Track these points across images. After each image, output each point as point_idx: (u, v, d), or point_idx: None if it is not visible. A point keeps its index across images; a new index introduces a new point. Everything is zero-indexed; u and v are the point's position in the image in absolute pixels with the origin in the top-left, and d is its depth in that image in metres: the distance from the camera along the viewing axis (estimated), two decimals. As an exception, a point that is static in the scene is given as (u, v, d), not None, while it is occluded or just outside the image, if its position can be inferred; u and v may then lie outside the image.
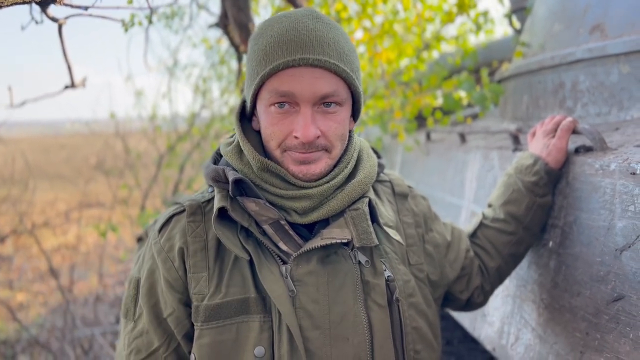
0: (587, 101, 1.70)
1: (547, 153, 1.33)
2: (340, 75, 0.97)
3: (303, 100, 0.95)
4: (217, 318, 0.96)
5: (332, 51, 0.95)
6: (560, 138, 1.32)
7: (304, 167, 0.99)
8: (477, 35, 3.10)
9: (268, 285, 0.95)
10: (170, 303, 1.00)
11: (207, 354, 0.95)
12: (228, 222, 1.00)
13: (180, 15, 3.54)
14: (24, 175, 7.81)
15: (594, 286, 1.16)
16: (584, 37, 1.76)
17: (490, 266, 1.31)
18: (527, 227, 1.32)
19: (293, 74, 0.94)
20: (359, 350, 0.97)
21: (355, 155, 1.08)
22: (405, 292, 1.05)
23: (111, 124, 5.88)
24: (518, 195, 1.31)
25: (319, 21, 0.98)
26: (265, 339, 0.95)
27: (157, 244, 1.03)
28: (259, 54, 0.97)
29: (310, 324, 0.96)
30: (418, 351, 1.04)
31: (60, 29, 1.03)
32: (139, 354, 1.01)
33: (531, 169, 1.32)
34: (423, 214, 1.21)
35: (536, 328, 1.38)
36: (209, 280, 0.98)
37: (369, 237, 1.00)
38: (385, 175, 1.22)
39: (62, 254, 7.35)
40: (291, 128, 0.96)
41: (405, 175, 2.99)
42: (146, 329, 1.02)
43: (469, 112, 2.99)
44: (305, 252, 0.98)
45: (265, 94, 0.97)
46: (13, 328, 5.25)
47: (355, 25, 3.10)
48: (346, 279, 0.99)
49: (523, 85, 2.14)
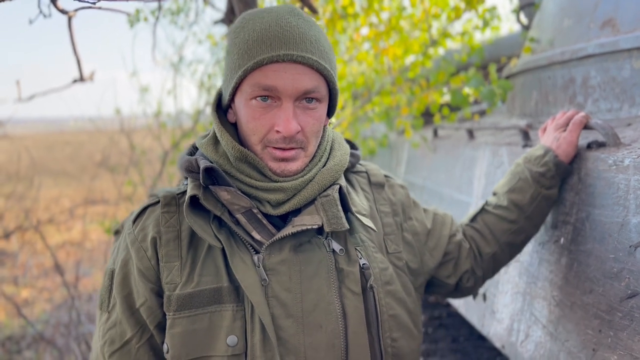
0: (598, 97, 1.68)
1: (557, 146, 1.32)
2: (322, 72, 0.99)
3: (285, 95, 0.96)
4: (189, 307, 0.97)
5: (314, 48, 0.98)
6: (571, 132, 1.32)
7: (283, 164, 1.00)
8: (484, 31, 3.08)
9: (240, 275, 0.96)
10: (143, 293, 1.00)
11: (179, 343, 0.96)
12: (200, 211, 1.01)
13: (185, 11, 3.54)
14: (29, 171, 7.83)
15: (607, 283, 1.14)
16: (595, 32, 1.74)
17: (485, 252, 1.30)
18: (529, 217, 1.30)
19: (276, 69, 0.95)
20: (332, 338, 0.97)
21: (328, 148, 1.10)
22: (381, 280, 1.06)
23: (116, 121, 5.88)
24: (524, 185, 1.30)
25: (300, 18, 1.00)
26: (237, 328, 0.96)
27: (131, 234, 1.04)
28: (242, 48, 0.98)
29: (283, 312, 0.97)
30: (395, 339, 1.05)
31: (70, 22, 1.02)
32: (112, 344, 1.02)
33: (540, 160, 1.31)
34: (401, 202, 1.21)
35: (547, 325, 1.37)
36: (181, 269, 1.00)
37: (339, 221, 1.01)
38: (362, 165, 1.23)
39: (67, 250, 7.36)
40: (272, 122, 0.98)
41: (412, 172, 2.97)
42: (119, 319, 1.02)
43: (476, 109, 2.97)
44: (278, 241, 0.99)
45: (246, 87, 0.98)
46: (18, 324, 5.27)
47: (362, 22, 3.08)
48: (320, 267, 1.00)
49: (532, 81, 2.12)
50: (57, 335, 4.80)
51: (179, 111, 5.36)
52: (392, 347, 1.04)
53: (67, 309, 5.17)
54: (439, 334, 2.88)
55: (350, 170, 1.20)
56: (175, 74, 5.30)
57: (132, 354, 1.01)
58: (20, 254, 7.14)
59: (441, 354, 2.68)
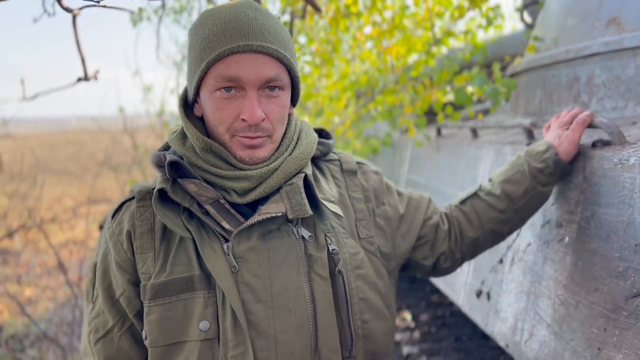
0: (603, 95, 1.68)
1: (559, 143, 1.32)
2: (282, 61, 1.02)
3: (249, 85, 1.00)
4: (162, 295, 1.02)
5: (273, 39, 1.01)
6: (574, 130, 1.31)
7: (251, 151, 1.04)
8: (487, 30, 3.08)
9: (210, 263, 1.01)
10: (121, 283, 1.06)
11: (156, 329, 1.01)
12: (171, 204, 1.05)
13: (188, 10, 3.54)
14: (32, 171, 7.84)
15: (612, 282, 1.14)
16: (600, 31, 1.74)
17: (467, 235, 1.32)
18: (518, 209, 1.32)
19: (238, 59, 0.99)
20: (301, 320, 1.02)
21: (295, 137, 1.13)
22: (351, 264, 1.09)
23: (118, 120, 5.89)
24: (520, 177, 1.31)
25: (258, 11, 1.03)
26: (209, 314, 1.00)
27: (110, 228, 1.09)
28: (203, 42, 1.01)
29: (253, 297, 1.01)
30: (366, 320, 1.08)
31: (75, 20, 1.02)
32: (97, 332, 1.08)
33: (541, 156, 1.31)
34: (373, 188, 1.24)
35: (551, 324, 1.37)
36: (155, 260, 1.04)
37: (302, 208, 1.04)
38: (335, 154, 1.26)
39: (70, 249, 7.37)
40: (238, 111, 1.01)
41: (415, 171, 2.97)
42: (102, 309, 1.08)
43: (479, 108, 2.97)
44: (246, 229, 1.03)
45: (210, 80, 1.01)
46: (22, 323, 5.28)
47: (365, 21, 3.08)
48: (288, 253, 1.04)
49: (536, 79, 2.12)
50: (60, 333, 4.82)
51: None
52: (362, 328, 1.08)
53: (70, 307, 5.18)
54: (442, 333, 2.88)
55: (322, 158, 1.23)
56: (178, 73, 5.31)
57: (114, 341, 1.07)
58: (24, 252, 7.16)
59: (444, 353, 2.67)
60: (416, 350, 2.68)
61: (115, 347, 1.07)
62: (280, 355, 1.01)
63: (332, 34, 3.14)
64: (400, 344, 2.81)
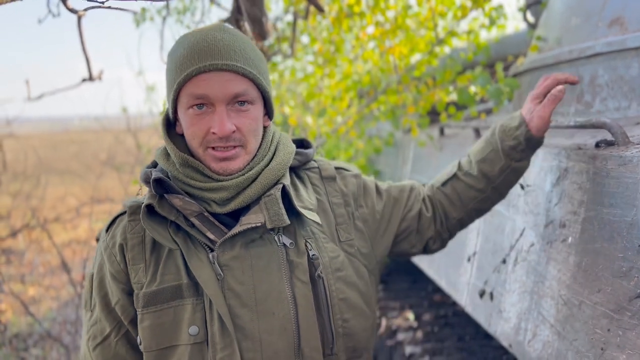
0: (606, 95, 1.68)
1: (529, 119, 1.30)
2: (248, 77, 1.09)
3: (217, 100, 1.07)
4: (154, 303, 1.09)
5: (239, 56, 1.08)
6: (544, 106, 1.28)
7: (224, 163, 1.10)
8: (490, 30, 3.07)
9: (197, 272, 1.08)
10: (116, 293, 1.13)
11: (149, 335, 1.09)
12: (159, 218, 1.12)
13: (192, 11, 3.54)
14: (35, 170, 7.86)
15: (615, 282, 1.14)
16: (603, 31, 1.74)
17: (452, 216, 1.39)
18: (496, 187, 1.36)
19: (205, 78, 1.06)
20: (284, 323, 1.09)
21: (272, 148, 1.19)
22: (331, 268, 1.17)
23: (122, 120, 5.90)
24: (494, 156, 1.34)
25: (226, 32, 1.11)
26: (198, 319, 1.08)
27: (104, 242, 1.17)
28: (175, 65, 1.09)
29: (238, 302, 1.08)
30: (346, 319, 1.16)
31: (80, 21, 1.03)
32: (95, 339, 1.16)
33: (513, 132, 1.31)
34: (352, 192, 1.30)
35: (555, 324, 1.37)
36: (146, 270, 1.12)
37: (280, 218, 1.10)
38: (315, 162, 1.32)
39: (73, 248, 7.39)
40: (209, 125, 1.08)
41: (418, 170, 2.97)
42: (99, 317, 1.16)
43: (482, 108, 2.97)
44: (230, 239, 1.10)
45: (183, 98, 1.09)
46: (25, 322, 5.30)
47: (368, 21, 3.08)
48: (271, 260, 1.11)
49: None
50: (63, 333, 4.83)
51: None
52: (342, 327, 1.16)
53: (73, 307, 5.19)
54: (445, 332, 2.88)
55: (301, 167, 1.29)
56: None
57: (112, 347, 1.15)
58: (27, 252, 7.18)
59: (447, 352, 2.67)
60: (419, 350, 2.68)
61: (113, 352, 1.15)
62: (266, 356, 1.08)
63: (334, 34, 3.14)
64: (403, 344, 2.81)
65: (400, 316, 3.22)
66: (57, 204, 9.27)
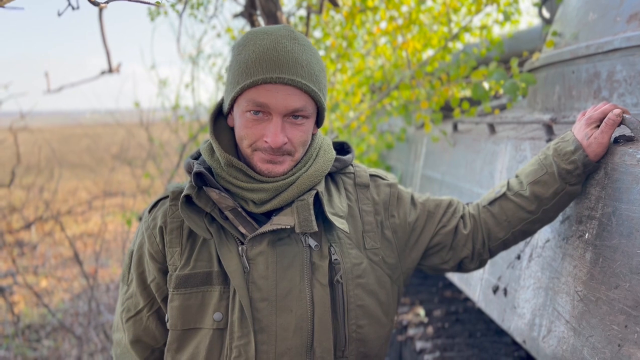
0: (624, 91, 1.66)
1: (587, 144, 1.28)
2: (309, 94, 1.12)
3: (275, 112, 1.10)
4: (185, 286, 1.15)
5: (305, 72, 1.11)
6: (603, 132, 1.26)
7: (271, 165, 1.14)
8: (503, 26, 3.05)
9: (226, 262, 1.13)
10: (152, 271, 1.20)
11: (177, 315, 1.15)
12: (196, 208, 1.17)
13: (205, 5, 3.55)
14: (48, 163, 7.92)
15: (633, 278, 1.14)
16: (621, 26, 1.72)
17: (497, 236, 1.36)
18: (547, 209, 1.33)
19: (269, 88, 1.09)
20: (300, 321, 1.14)
21: (314, 154, 1.23)
22: (352, 274, 1.20)
23: (134, 114, 5.93)
24: (549, 179, 1.31)
25: (296, 42, 1.13)
26: (223, 307, 1.14)
27: (146, 222, 1.24)
28: (241, 66, 1.11)
29: (260, 296, 1.13)
30: (361, 325, 1.20)
31: (101, 13, 1.04)
32: (129, 312, 1.24)
33: (570, 157, 1.29)
34: (384, 202, 1.31)
35: (570, 320, 1.37)
36: (181, 254, 1.18)
37: (309, 224, 1.14)
38: (352, 167, 1.34)
39: (85, 241, 7.46)
40: (262, 133, 1.12)
41: (431, 166, 2.96)
42: (135, 292, 1.24)
43: (496, 103, 2.95)
44: (259, 235, 1.14)
45: (242, 101, 1.12)
46: (37, 313, 5.36)
47: (382, 15, 3.07)
48: (294, 259, 1.16)
49: (555, 75, 2.10)
50: (75, 324, 4.88)
51: (196, 104, 5.38)
52: (356, 332, 1.19)
53: (85, 298, 5.24)
54: (456, 329, 2.88)
55: (339, 171, 1.32)
56: (193, 68, 5.32)
57: (143, 320, 1.23)
58: (40, 244, 7.25)
59: (458, 348, 2.67)
60: (429, 346, 2.68)
61: (143, 326, 1.23)
62: (279, 350, 1.13)
63: (347, 28, 3.14)
64: (414, 339, 2.81)
65: (410, 312, 3.21)
66: (69, 197, 9.35)
